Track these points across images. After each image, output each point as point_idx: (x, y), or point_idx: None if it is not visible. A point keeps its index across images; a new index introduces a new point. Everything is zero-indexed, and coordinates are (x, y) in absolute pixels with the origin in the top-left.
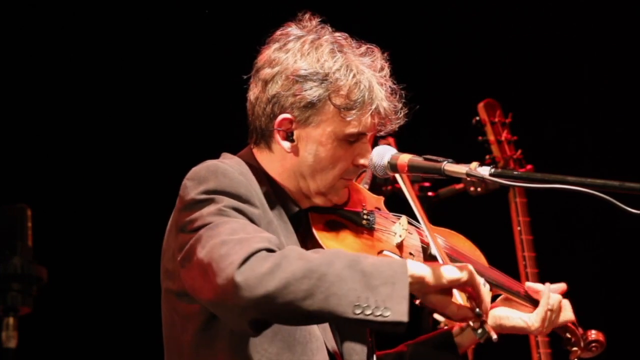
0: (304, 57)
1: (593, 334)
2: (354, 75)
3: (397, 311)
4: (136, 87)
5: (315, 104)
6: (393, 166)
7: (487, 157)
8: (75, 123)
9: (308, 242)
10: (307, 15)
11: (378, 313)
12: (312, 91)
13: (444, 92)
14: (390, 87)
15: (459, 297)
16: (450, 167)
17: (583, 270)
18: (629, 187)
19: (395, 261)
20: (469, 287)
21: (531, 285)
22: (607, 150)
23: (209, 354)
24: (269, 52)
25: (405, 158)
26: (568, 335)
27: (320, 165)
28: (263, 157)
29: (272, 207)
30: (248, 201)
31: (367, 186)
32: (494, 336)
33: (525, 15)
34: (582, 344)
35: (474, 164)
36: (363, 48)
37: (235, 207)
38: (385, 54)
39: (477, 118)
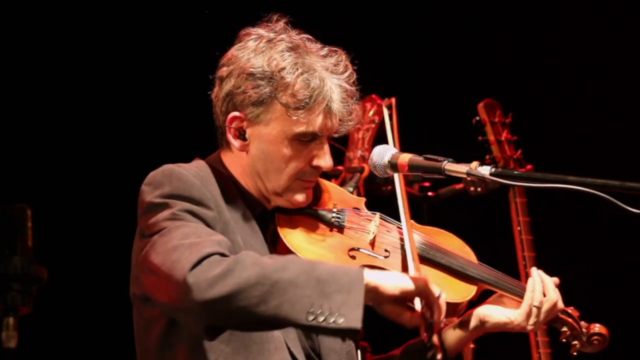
0: (257, 55)
1: (596, 328)
2: (302, 74)
3: (351, 318)
4: (136, 88)
5: (263, 101)
6: (393, 165)
7: (487, 157)
8: (75, 123)
9: (276, 242)
10: (275, 17)
11: (331, 320)
12: (260, 89)
13: (444, 92)
14: (347, 88)
15: (418, 305)
16: (451, 166)
17: (583, 271)
18: (629, 187)
19: (352, 269)
20: (423, 298)
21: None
22: (607, 150)
23: (170, 356)
24: (230, 51)
25: (405, 157)
26: (565, 328)
27: (272, 164)
28: (227, 157)
29: (235, 208)
30: (201, 203)
31: (351, 189)
32: (438, 356)
33: (525, 15)
34: (583, 338)
35: (474, 164)
36: (325, 50)
37: (189, 210)
38: (349, 56)
39: (477, 118)
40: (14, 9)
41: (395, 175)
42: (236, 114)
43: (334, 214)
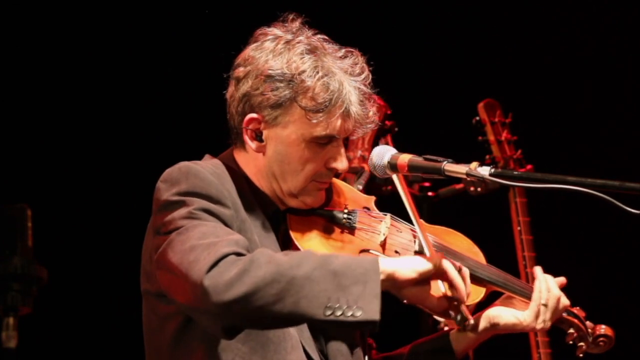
0: (275, 57)
1: (602, 329)
2: (322, 77)
3: (369, 310)
4: (137, 88)
5: (282, 104)
6: (393, 166)
7: (487, 157)
8: (75, 123)
9: (287, 242)
10: (290, 16)
11: (349, 313)
12: (279, 92)
13: (444, 92)
14: (364, 90)
15: (442, 287)
16: (450, 167)
17: (583, 271)
18: (629, 187)
19: (366, 259)
20: (442, 276)
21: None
22: (607, 150)
23: (185, 353)
24: (246, 51)
25: (405, 158)
26: (572, 330)
27: (289, 166)
28: (240, 157)
29: (249, 207)
30: (219, 202)
31: (360, 187)
32: (471, 321)
33: (525, 15)
34: (589, 339)
35: (474, 164)
36: (342, 51)
37: (206, 208)
38: (365, 57)
39: (477, 118)
40: (14, 9)
41: (394, 177)
42: (253, 115)
43: (345, 215)
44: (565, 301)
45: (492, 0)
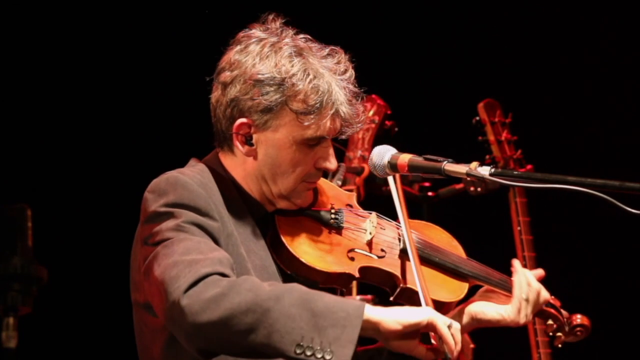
0: (263, 60)
1: (578, 319)
2: (312, 80)
3: (340, 355)
4: (137, 88)
5: (272, 108)
6: (393, 166)
7: (487, 157)
8: (75, 123)
9: (277, 245)
10: (271, 17)
11: (319, 355)
12: (269, 96)
13: (444, 92)
14: (351, 89)
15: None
16: (450, 167)
17: (583, 271)
18: (629, 187)
19: (353, 304)
20: (430, 331)
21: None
22: (607, 150)
23: None
24: (230, 55)
25: (405, 158)
26: (550, 321)
27: (280, 169)
28: (227, 160)
29: (237, 213)
30: (207, 214)
31: (339, 182)
32: None
33: (525, 16)
34: (566, 329)
35: (474, 164)
36: (326, 50)
37: (194, 221)
38: (349, 56)
39: (477, 118)
40: (14, 9)
41: (390, 179)
42: (243, 120)
43: (332, 215)
44: (545, 294)
45: (492, 1)
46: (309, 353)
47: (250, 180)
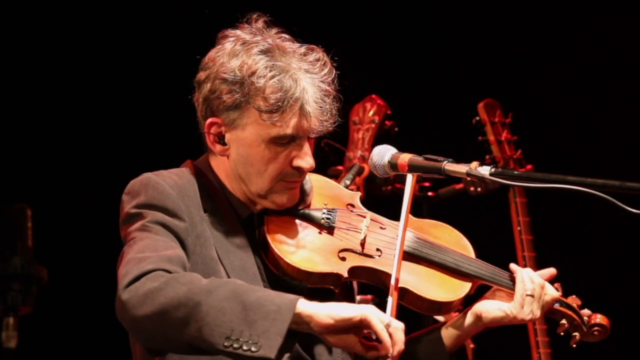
0: (231, 59)
1: (598, 318)
2: (273, 77)
3: (267, 347)
4: (138, 88)
5: (237, 106)
6: (393, 166)
7: (487, 157)
8: (74, 123)
9: (265, 246)
10: (254, 16)
11: (246, 347)
12: (232, 94)
13: (444, 92)
14: (323, 88)
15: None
16: (450, 166)
17: (583, 271)
18: (629, 187)
19: (285, 298)
20: (366, 328)
21: (513, 266)
22: (607, 150)
23: None
24: (209, 53)
25: (405, 158)
26: (564, 321)
27: (253, 168)
28: (213, 161)
29: (219, 213)
30: (175, 214)
31: (348, 182)
32: None
33: (525, 16)
34: (584, 329)
35: (474, 164)
36: (302, 49)
37: (160, 221)
38: (329, 54)
39: (477, 118)
40: (14, 9)
41: (409, 177)
42: (213, 119)
43: (324, 214)
44: (552, 291)
45: (492, 1)
46: (236, 345)
47: (232, 181)
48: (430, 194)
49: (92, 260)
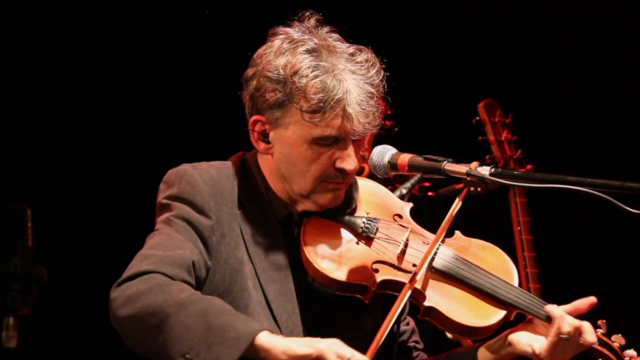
0: (277, 57)
1: (633, 358)
2: (316, 77)
3: None
4: (138, 87)
5: (280, 105)
6: (393, 165)
7: (487, 157)
8: (74, 123)
9: (299, 248)
10: (307, 14)
11: None
12: (276, 93)
13: (444, 92)
14: (368, 90)
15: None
16: (450, 166)
17: (583, 271)
18: (629, 187)
19: (249, 327)
20: None
21: (551, 310)
22: (607, 150)
23: None
24: (259, 50)
25: (405, 158)
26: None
27: (295, 168)
28: (260, 157)
29: (256, 211)
30: (202, 211)
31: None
32: None
33: (525, 16)
34: None
35: (474, 164)
36: (350, 49)
37: (185, 216)
38: (376, 56)
39: (477, 118)
40: (14, 9)
41: (457, 200)
42: (258, 117)
43: (363, 223)
44: (590, 337)
45: (492, 1)
46: None
47: (275, 179)
48: (430, 194)
49: (92, 260)
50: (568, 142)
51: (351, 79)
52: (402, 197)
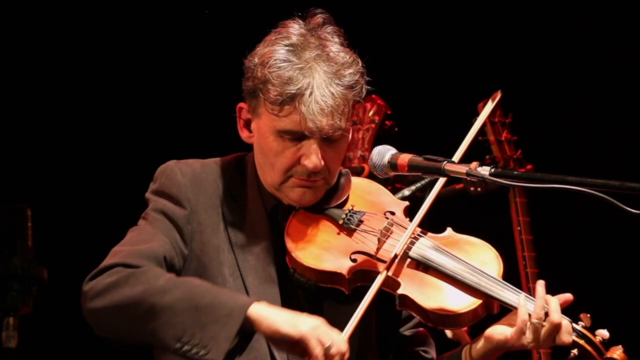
0: (263, 48)
1: (615, 353)
2: (281, 69)
3: (215, 351)
4: (138, 87)
5: (253, 94)
6: (393, 166)
7: (487, 157)
8: (74, 123)
9: (283, 239)
10: (315, 12)
11: (195, 350)
12: (249, 81)
13: (444, 92)
14: (337, 90)
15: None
16: (450, 166)
17: (583, 271)
18: (629, 187)
19: (238, 301)
20: (304, 346)
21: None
22: (607, 150)
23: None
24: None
25: (405, 158)
26: (575, 350)
27: (266, 159)
28: (254, 149)
29: (247, 203)
30: (177, 202)
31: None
32: None
33: (525, 15)
34: None
35: (474, 164)
36: (338, 49)
37: (161, 209)
38: (361, 61)
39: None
40: (14, 9)
41: (440, 181)
42: (243, 104)
43: (345, 215)
44: (558, 319)
45: (492, 1)
46: (187, 348)
47: (259, 169)
48: None
49: (92, 260)
50: (568, 142)
51: (320, 77)
52: (403, 199)
